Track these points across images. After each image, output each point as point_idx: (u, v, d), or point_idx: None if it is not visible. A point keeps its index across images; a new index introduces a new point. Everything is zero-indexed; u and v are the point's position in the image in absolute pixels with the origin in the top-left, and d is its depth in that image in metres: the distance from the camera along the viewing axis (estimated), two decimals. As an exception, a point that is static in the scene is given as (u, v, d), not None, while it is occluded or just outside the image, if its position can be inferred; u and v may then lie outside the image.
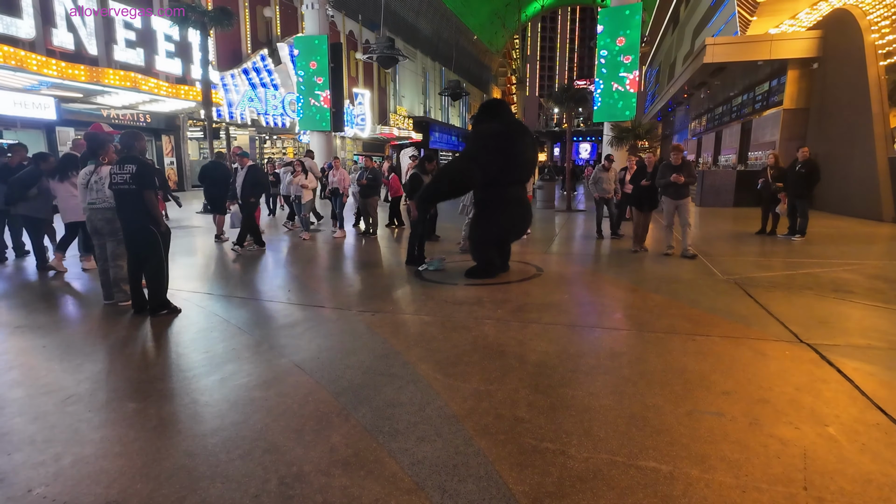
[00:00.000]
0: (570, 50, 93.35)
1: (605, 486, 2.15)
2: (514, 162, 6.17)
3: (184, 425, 2.69)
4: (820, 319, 4.41)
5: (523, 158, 6.30)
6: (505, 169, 6.12)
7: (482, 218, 6.30)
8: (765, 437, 2.51)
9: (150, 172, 4.49)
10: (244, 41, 25.24)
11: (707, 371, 3.32)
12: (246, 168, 8.17)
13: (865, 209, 11.80)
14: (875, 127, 11.57)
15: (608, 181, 9.31)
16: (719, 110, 22.72)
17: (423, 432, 2.59)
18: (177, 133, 21.21)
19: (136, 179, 4.39)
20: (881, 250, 8.13)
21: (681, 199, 7.32)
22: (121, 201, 4.50)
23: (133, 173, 4.40)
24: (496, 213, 6.22)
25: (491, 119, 6.42)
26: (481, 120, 6.55)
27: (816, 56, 14.33)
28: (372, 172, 9.48)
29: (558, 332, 4.19)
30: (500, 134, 6.14)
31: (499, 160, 6.05)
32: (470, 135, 6.81)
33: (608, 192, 9.35)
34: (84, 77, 15.01)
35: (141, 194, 4.40)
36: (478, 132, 6.42)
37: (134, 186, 4.40)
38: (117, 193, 4.50)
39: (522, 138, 6.26)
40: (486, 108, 6.62)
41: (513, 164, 6.18)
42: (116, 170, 4.47)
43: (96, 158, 5.18)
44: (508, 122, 6.48)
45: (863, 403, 2.87)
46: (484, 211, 6.30)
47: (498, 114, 6.53)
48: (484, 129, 6.32)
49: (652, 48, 39.88)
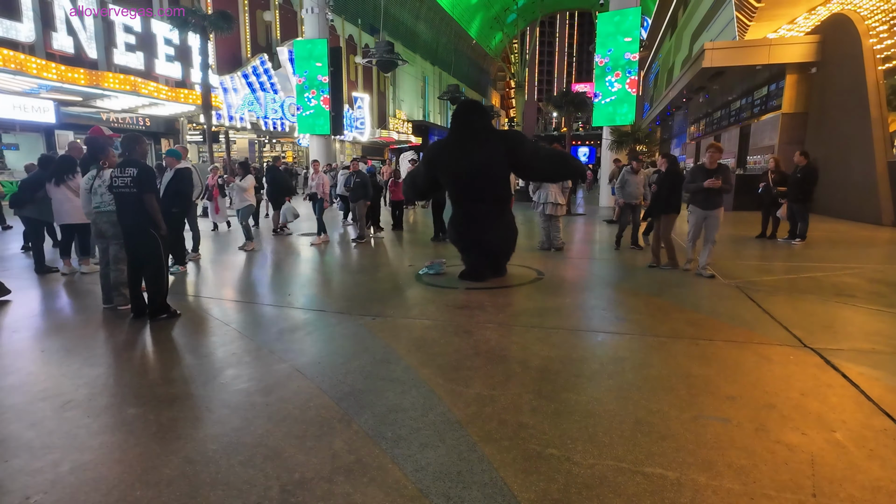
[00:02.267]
0: (568, 54, 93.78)
1: (612, 493, 2.12)
2: (444, 176, 6.25)
3: (184, 431, 2.65)
4: (823, 324, 4.39)
5: (453, 172, 6.04)
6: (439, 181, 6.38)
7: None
8: (772, 443, 2.48)
9: (151, 176, 4.49)
10: (244, 45, 25.30)
11: (712, 376, 3.29)
12: (173, 171, 6.46)
13: (865, 213, 11.81)
14: (874, 131, 11.58)
15: (637, 185, 8.41)
16: (718, 114, 22.77)
17: (426, 438, 2.56)
18: (176, 136, 21.20)
19: (137, 183, 4.37)
20: (882, 254, 8.12)
21: (711, 209, 6.24)
22: (121, 205, 4.48)
23: (134, 177, 4.38)
24: (451, 221, 6.42)
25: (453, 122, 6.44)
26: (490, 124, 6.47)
27: (815, 61, 14.37)
28: (359, 176, 9.23)
29: (561, 336, 4.16)
30: (433, 146, 6.48)
31: (424, 172, 6.45)
32: (524, 137, 6.71)
33: (636, 198, 8.45)
34: (84, 80, 15.02)
35: (142, 198, 4.38)
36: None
37: (135, 190, 4.37)
38: (118, 197, 4.48)
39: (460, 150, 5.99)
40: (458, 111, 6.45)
41: (445, 179, 6.24)
42: (117, 173, 4.45)
43: (97, 163, 5.17)
44: (453, 131, 6.29)
45: (869, 409, 2.84)
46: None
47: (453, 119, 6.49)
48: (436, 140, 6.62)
49: (650, 53, 40.04)
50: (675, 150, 33.12)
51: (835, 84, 13.55)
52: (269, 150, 30.14)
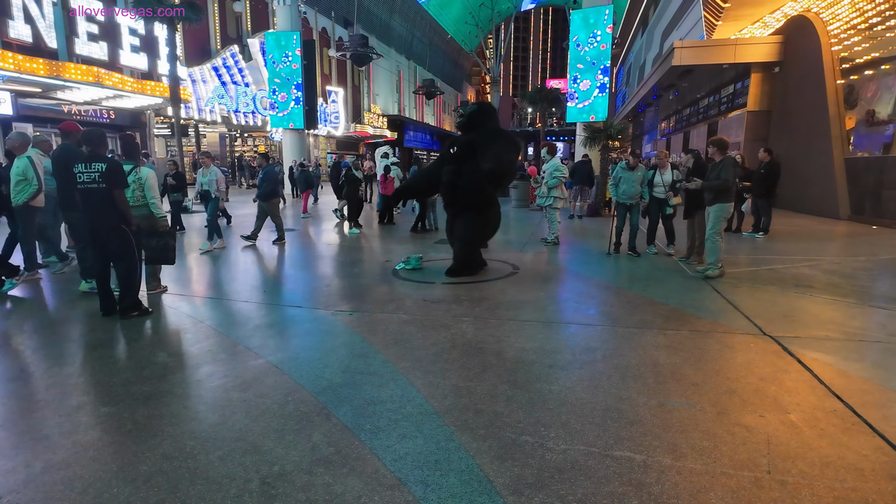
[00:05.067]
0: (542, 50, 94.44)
1: (583, 476, 2.22)
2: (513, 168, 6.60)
3: (160, 428, 2.64)
4: (782, 313, 4.62)
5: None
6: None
7: (479, 219, 6.32)
8: (732, 426, 2.63)
9: (120, 171, 4.38)
10: (213, 36, 24.67)
11: (678, 364, 3.44)
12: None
13: (824, 207, 12.35)
14: (832, 129, 12.11)
15: (633, 183, 7.51)
16: (687, 111, 23.37)
17: (404, 429, 2.61)
18: (143, 130, 20.57)
19: (106, 178, 4.27)
20: (838, 247, 8.53)
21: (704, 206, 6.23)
22: (88, 201, 4.37)
23: (103, 172, 4.27)
24: (491, 213, 6.44)
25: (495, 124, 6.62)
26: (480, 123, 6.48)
27: (778, 60, 14.90)
28: (265, 172, 8.57)
29: (535, 328, 4.27)
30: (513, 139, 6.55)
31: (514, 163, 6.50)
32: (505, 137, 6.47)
33: (632, 198, 7.55)
34: (43, 71, 14.40)
35: (111, 193, 4.29)
36: (511, 138, 6.60)
37: (104, 185, 4.27)
38: (84, 193, 4.36)
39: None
40: (489, 113, 6.68)
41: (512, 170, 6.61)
42: (83, 168, 4.33)
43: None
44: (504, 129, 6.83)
45: (821, 392, 3.03)
46: (481, 212, 6.33)
47: (497, 121, 6.75)
48: (504, 132, 6.60)
49: (623, 49, 40.71)
50: (646, 146, 33.84)
51: (796, 83, 14.08)
52: (240, 144, 29.53)
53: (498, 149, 6.02)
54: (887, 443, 2.46)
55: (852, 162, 11.67)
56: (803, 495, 2.08)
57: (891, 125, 10.62)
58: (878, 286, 5.80)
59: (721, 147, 6.09)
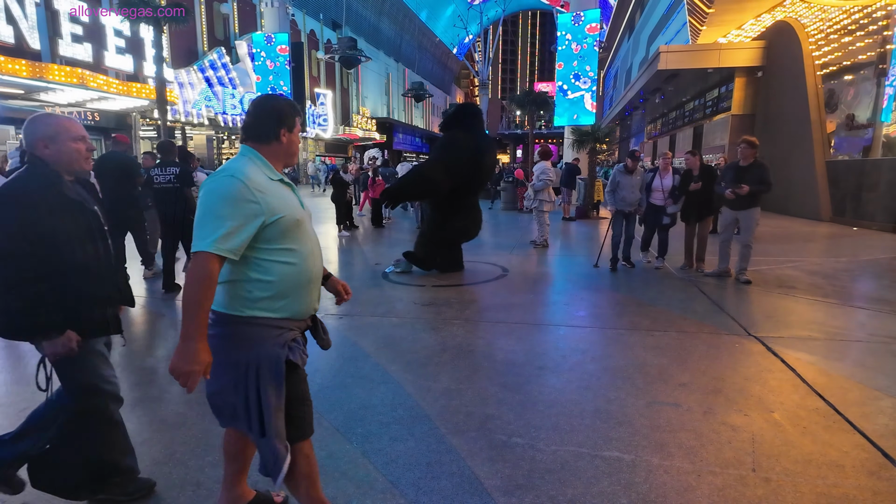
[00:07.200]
0: (531, 53, 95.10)
1: (573, 477, 2.25)
2: (482, 175, 6.61)
3: (148, 435, 2.62)
4: (766, 314, 4.71)
5: (488, 172, 6.83)
6: (473, 181, 6.45)
7: (439, 221, 6.51)
8: (717, 425, 2.68)
9: (189, 174, 5.40)
10: (200, 38, 24.46)
11: (665, 365, 3.50)
12: None
13: (806, 209, 12.59)
14: (813, 133, 12.36)
15: (632, 188, 6.62)
16: (673, 115, 23.70)
17: (395, 432, 2.62)
18: (128, 132, 20.31)
19: (179, 179, 5.35)
20: (820, 248, 8.71)
21: (742, 209, 5.80)
22: (163, 197, 5.39)
23: (177, 174, 5.32)
24: (454, 218, 6.47)
25: (466, 127, 6.48)
26: (451, 125, 6.62)
27: (761, 65, 15.17)
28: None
29: (525, 330, 4.30)
30: (477, 148, 6.32)
31: (471, 173, 6.32)
32: (444, 141, 6.47)
33: (631, 205, 6.64)
34: (26, 73, 14.17)
35: (182, 191, 5.36)
36: (454, 143, 6.29)
37: (177, 185, 5.29)
38: (159, 191, 5.41)
39: (490, 151, 6.65)
40: (462, 115, 6.64)
41: (482, 178, 6.63)
42: (158, 171, 5.38)
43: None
44: (481, 135, 6.67)
45: (804, 390, 3.10)
46: (442, 215, 6.50)
47: (473, 124, 6.62)
48: (461, 140, 6.27)
49: (609, 53, 41.14)
50: (632, 148, 34.19)
51: (778, 88, 14.36)
52: (227, 146, 29.29)
53: (419, 164, 6.42)
54: (867, 440, 2.53)
55: (833, 165, 11.92)
56: (786, 492, 2.14)
57: (870, 129, 10.88)
58: (859, 286, 5.94)
59: (753, 147, 5.71)
